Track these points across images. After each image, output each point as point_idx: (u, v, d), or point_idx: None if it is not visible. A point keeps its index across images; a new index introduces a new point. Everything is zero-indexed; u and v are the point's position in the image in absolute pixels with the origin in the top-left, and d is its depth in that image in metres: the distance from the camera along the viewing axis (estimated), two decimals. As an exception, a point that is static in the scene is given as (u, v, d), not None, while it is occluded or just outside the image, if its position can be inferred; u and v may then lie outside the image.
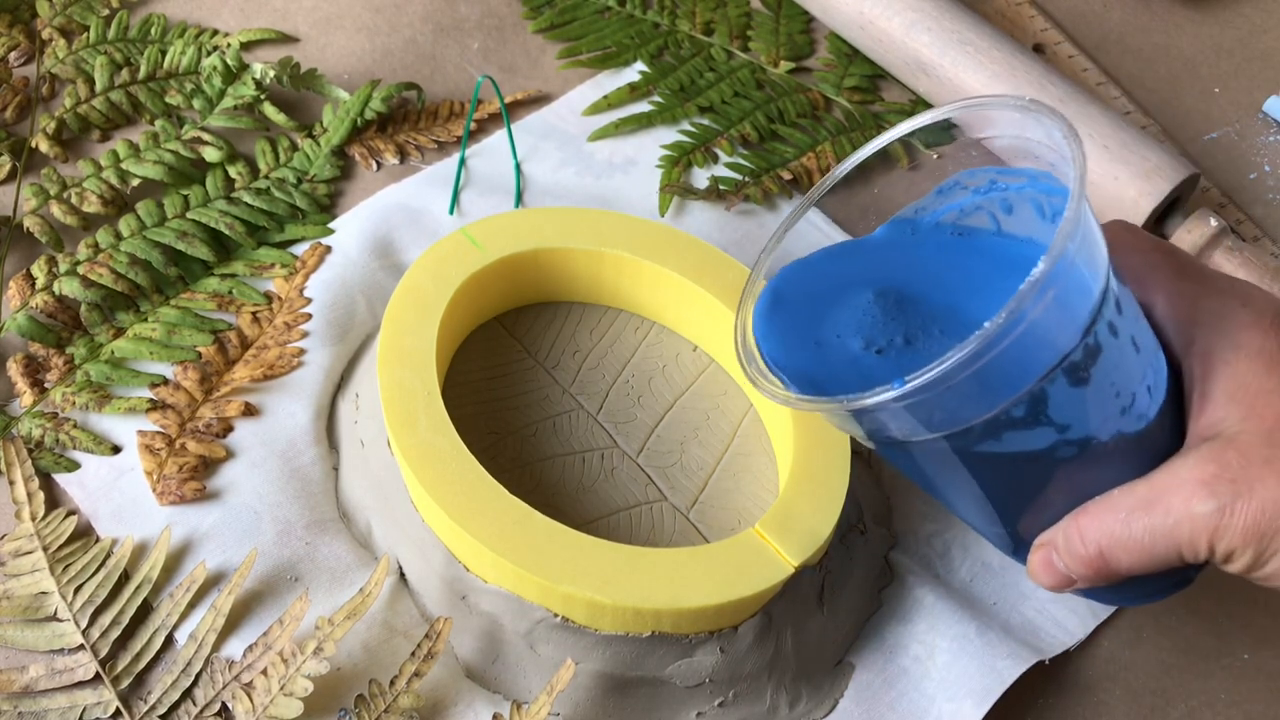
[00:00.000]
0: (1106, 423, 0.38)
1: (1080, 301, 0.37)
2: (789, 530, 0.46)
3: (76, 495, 0.50)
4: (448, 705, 0.46)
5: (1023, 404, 0.37)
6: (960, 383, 0.36)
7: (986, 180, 0.43)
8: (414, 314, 0.49)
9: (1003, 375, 0.36)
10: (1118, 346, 0.38)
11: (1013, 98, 0.40)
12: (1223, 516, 0.37)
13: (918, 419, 0.38)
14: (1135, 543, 0.38)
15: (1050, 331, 0.36)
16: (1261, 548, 0.37)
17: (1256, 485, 0.37)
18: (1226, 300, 0.40)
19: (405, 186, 0.60)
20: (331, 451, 0.52)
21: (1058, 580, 0.41)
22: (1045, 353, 0.37)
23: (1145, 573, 0.39)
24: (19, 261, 0.56)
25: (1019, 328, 0.35)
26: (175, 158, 0.59)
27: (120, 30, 0.64)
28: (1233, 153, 0.67)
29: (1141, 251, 0.42)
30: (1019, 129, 0.41)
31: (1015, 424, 0.38)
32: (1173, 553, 0.38)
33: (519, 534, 0.44)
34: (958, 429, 0.38)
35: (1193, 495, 0.37)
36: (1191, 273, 0.41)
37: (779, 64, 0.68)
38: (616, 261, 0.53)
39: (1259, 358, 0.39)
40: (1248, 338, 0.39)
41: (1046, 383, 0.37)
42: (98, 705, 0.44)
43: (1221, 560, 0.38)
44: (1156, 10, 0.73)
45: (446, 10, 0.68)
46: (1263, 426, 0.37)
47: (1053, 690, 0.50)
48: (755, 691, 0.47)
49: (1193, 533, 0.37)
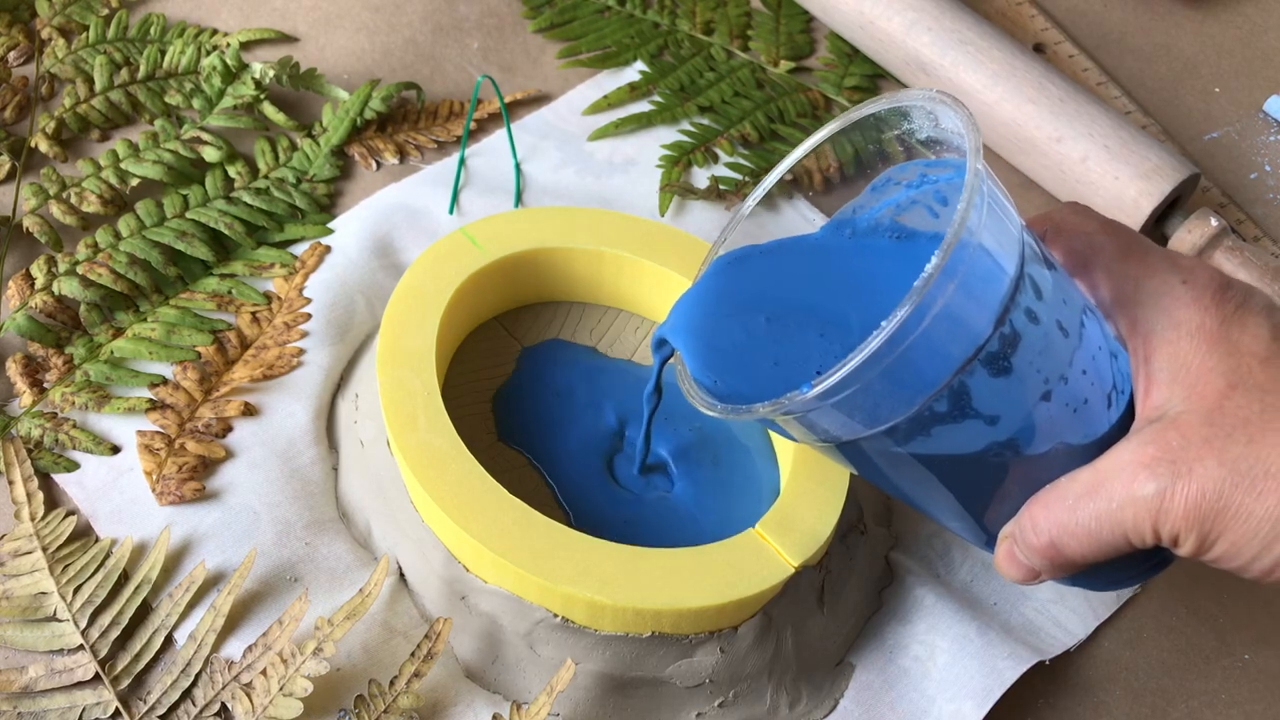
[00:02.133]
0: (1039, 410, 0.38)
1: (989, 290, 0.36)
2: (789, 530, 0.46)
3: (76, 495, 0.50)
4: (447, 705, 0.46)
5: (944, 398, 0.37)
6: (873, 382, 0.36)
7: (917, 174, 0.42)
8: (414, 314, 0.49)
9: (916, 371, 0.36)
10: (1040, 333, 0.37)
11: (922, 91, 0.40)
12: (1163, 499, 0.36)
13: (842, 420, 0.38)
14: (1083, 530, 0.38)
15: (959, 323, 0.36)
16: (1205, 530, 0.36)
17: (1196, 466, 0.36)
18: (1167, 278, 0.39)
19: (405, 186, 0.60)
20: (331, 451, 0.52)
21: (1022, 572, 0.40)
22: (958, 345, 0.36)
23: (1098, 560, 0.38)
24: (18, 261, 0.56)
25: (921, 323, 0.35)
26: (175, 157, 0.59)
27: (120, 30, 0.64)
28: (1233, 152, 0.67)
29: (1085, 234, 0.41)
30: (934, 121, 0.40)
31: (941, 419, 0.37)
32: (1119, 538, 0.37)
33: (519, 534, 0.44)
34: (882, 428, 0.37)
35: (1134, 478, 0.36)
36: (1135, 253, 0.40)
37: (779, 64, 0.68)
38: (616, 261, 0.53)
39: (1199, 335, 0.38)
40: (1186, 315, 0.38)
41: (965, 375, 0.36)
42: (97, 705, 0.44)
43: (1169, 543, 0.37)
44: (1156, 10, 0.73)
45: (446, 10, 0.68)
46: (1204, 405, 0.37)
47: (1053, 690, 0.50)
48: (755, 692, 0.47)
49: (1136, 517, 0.37)
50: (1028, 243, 0.38)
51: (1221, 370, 0.37)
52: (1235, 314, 0.38)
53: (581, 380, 0.52)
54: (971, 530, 0.42)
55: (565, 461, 0.49)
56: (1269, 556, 0.36)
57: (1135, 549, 0.38)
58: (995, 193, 0.37)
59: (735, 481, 0.50)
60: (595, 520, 0.48)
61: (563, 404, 0.51)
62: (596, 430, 0.50)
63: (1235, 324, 0.38)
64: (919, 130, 0.41)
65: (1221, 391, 0.37)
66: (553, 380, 0.52)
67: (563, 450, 0.50)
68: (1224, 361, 0.37)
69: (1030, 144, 0.62)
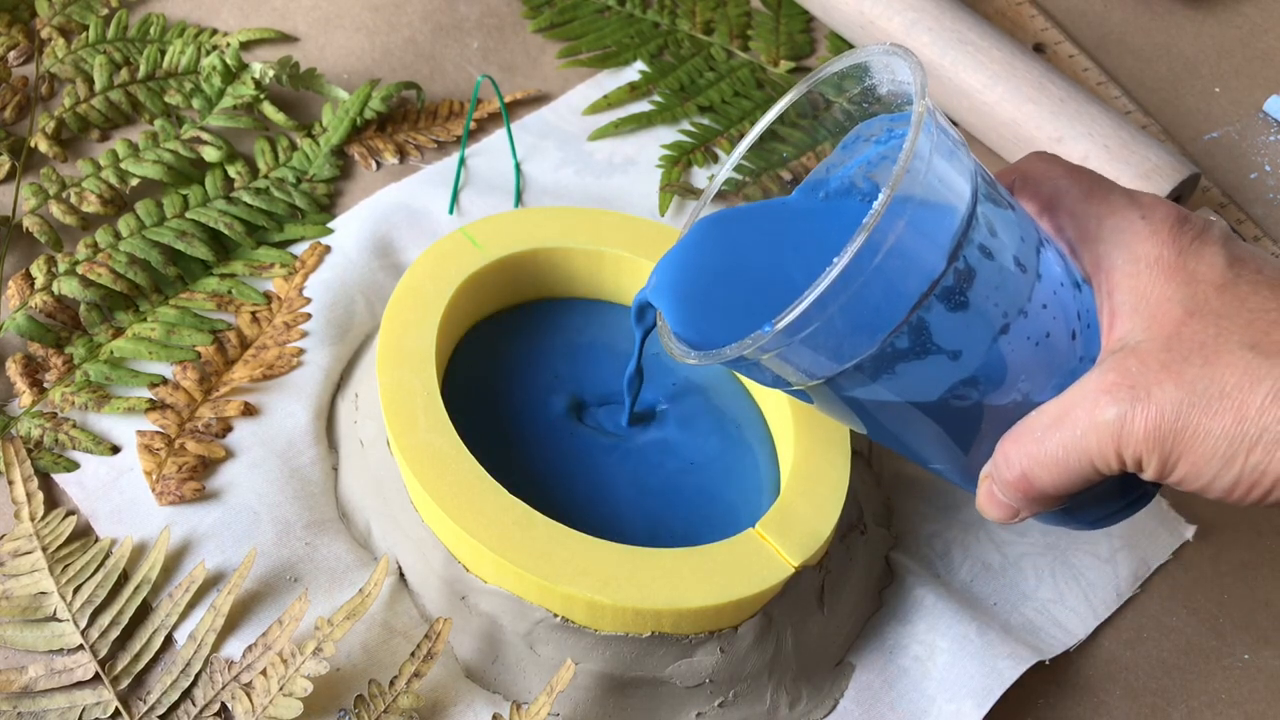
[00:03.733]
0: (1000, 344, 0.39)
1: (939, 228, 0.37)
2: (789, 530, 0.46)
3: (76, 495, 0.50)
4: (447, 705, 0.46)
5: (903, 334, 0.38)
6: (834, 318, 0.37)
7: (884, 129, 0.43)
8: (414, 314, 0.49)
9: (874, 307, 0.37)
10: (995, 268, 0.38)
11: (878, 46, 0.41)
12: (1124, 423, 0.37)
13: (808, 357, 0.38)
14: (1050, 459, 0.38)
15: (913, 258, 0.37)
16: (1166, 451, 0.37)
17: (1154, 389, 0.37)
18: (1127, 215, 0.40)
19: (405, 186, 0.60)
20: (331, 451, 0.52)
21: (1002, 511, 0.41)
22: (913, 280, 0.37)
23: (1070, 489, 0.39)
24: (18, 261, 0.56)
25: (874, 258, 0.36)
26: (174, 157, 0.59)
27: (119, 30, 0.64)
28: (1233, 152, 0.67)
29: (1051, 179, 0.42)
30: (891, 74, 0.41)
31: (904, 355, 0.38)
32: (1086, 465, 0.38)
33: (519, 534, 0.44)
34: (849, 364, 0.38)
35: (1096, 405, 0.37)
36: (1097, 194, 0.41)
37: (779, 64, 0.68)
38: (616, 261, 0.53)
39: (1157, 266, 0.39)
40: (1145, 249, 0.39)
41: (923, 311, 0.37)
42: (97, 705, 0.44)
43: (1134, 468, 0.38)
44: (1157, 10, 0.73)
45: (446, 10, 0.68)
46: (1162, 333, 0.38)
47: (1053, 690, 0.50)
48: (755, 692, 0.47)
49: (1099, 442, 0.37)
50: (981, 184, 0.39)
51: (1179, 299, 0.38)
52: (1192, 245, 0.39)
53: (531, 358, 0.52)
54: (958, 473, 0.43)
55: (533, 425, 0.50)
56: (1229, 474, 0.36)
57: (1103, 476, 0.39)
58: (945, 136, 0.38)
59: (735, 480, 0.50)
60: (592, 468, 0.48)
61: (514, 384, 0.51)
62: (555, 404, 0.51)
63: (1192, 254, 0.39)
64: (879, 85, 0.42)
65: (1179, 319, 0.38)
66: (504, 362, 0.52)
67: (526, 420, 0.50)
68: (1181, 290, 0.38)
69: (1030, 144, 0.62)
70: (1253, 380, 0.36)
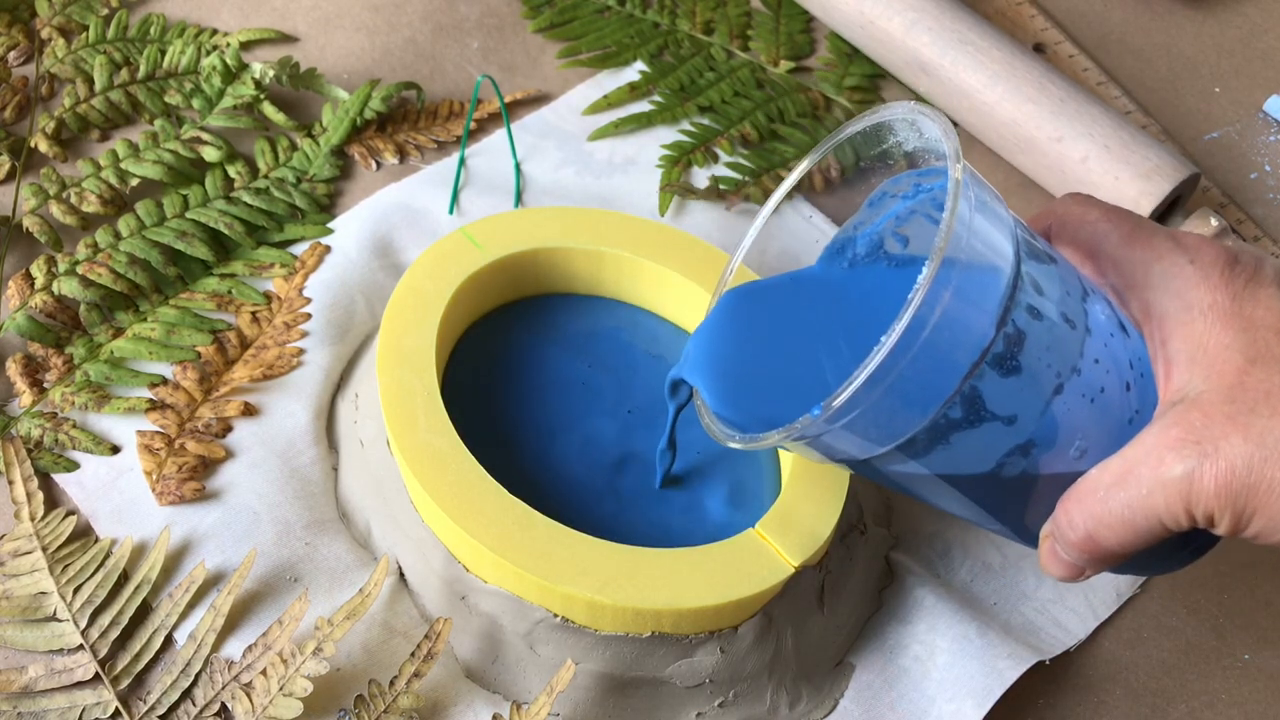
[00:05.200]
0: (1055, 404, 0.38)
1: (986, 293, 0.36)
2: (789, 530, 0.46)
3: (76, 495, 0.50)
4: (447, 706, 0.46)
5: (957, 405, 0.37)
6: (882, 398, 0.36)
7: (910, 185, 0.42)
8: (414, 314, 0.49)
9: (924, 381, 0.36)
10: (1045, 328, 0.37)
11: (901, 105, 0.40)
12: (1193, 481, 0.36)
13: (859, 439, 0.38)
14: (1116, 519, 0.37)
15: (961, 328, 0.36)
16: (1239, 507, 0.35)
17: (1222, 444, 0.35)
18: (1174, 260, 0.39)
19: (405, 186, 0.60)
20: (331, 451, 0.52)
21: (1065, 569, 0.40)
22: (963, 351, 0.36)
23: (1137, 548, 0.38)
24: (18, 261, 0.56)
25: (921, 333, 0.35)
26: (175, 157, 0.59)
27: (119, 30, 0.64)
28: (1233, 152, 0.67)
29: (1089, 224, 0.41)
30: (918, 132, 0.41)
31: (958, 425, 0.37)
32: (1154, 524, 0.37)
33: (519, 534, 0.44)
34: (900, 441, 0.37)
35: (1161, 462, 0.36)
36: (1140, 238, 0.40)
37: (779, 63, 0.68)
38: (616, 261, 0.53)
39: (1211, 314, 0.38)
40: (1197, 295, 0.38)
41: (974, 379, 0.36)
42: (97, 705, 0.44)
43: (1205, 524, 0.37)
44: (1157, 10, 0.73)
45: (446, 10, 0.68)
46: (1224, 383, 0.36)
47: (1053, 690, 0.50)
48: (755, 692, 0.47)
49: (1167, 501, 0.36)
50: (1022, 240, 0.38)
51: (1238, 346, 0.37)
52: (1246, 288, 0.38)
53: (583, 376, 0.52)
54: (1017, 533, 0.42)
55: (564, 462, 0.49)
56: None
57: (1171, 533, 0.37)
58: (983, 195, 0.37)
59: (735, 481, 0.50)
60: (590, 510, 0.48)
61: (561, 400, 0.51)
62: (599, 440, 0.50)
63: (1247, 299, 0.37)
64: (905, 142, 0.41)
65: (1240, 368, 0.36)
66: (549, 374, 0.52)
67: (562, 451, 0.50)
68: (1240, 337, 0.37)
69: (1030, 144, 0.62)
70: None
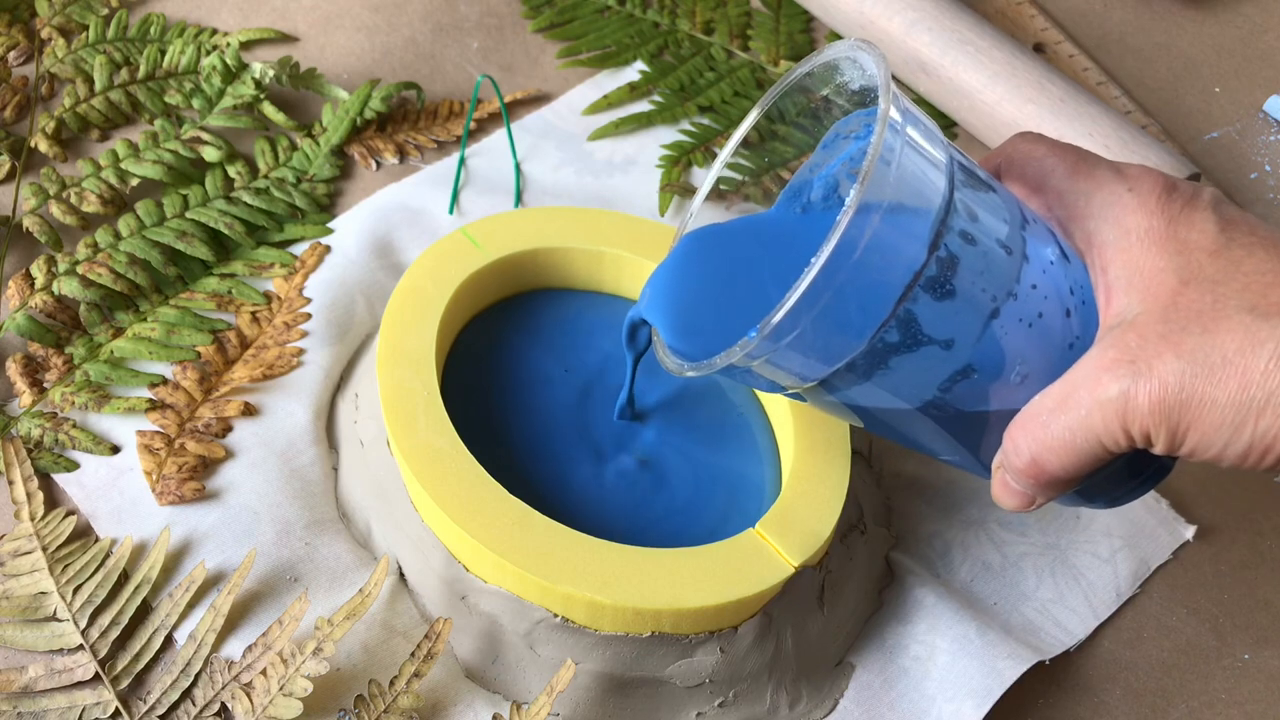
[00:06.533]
0: (992, 328, 0.39)
1: (917, 218, 0.37)
2: (789, 530, 0.46)
3: (76, 495, 0.50)
4: (447, 705, 0.46)
5: (892, 328, 0.38)
6: (819, 319, 0.37)
7: (861, 125, 0.43)
8: (414, 314, 0.49)
9: (859, 303, 0.37)
10: (979, 253, 0.38)
11: (844, 43, 0.41)
12: (1128, 399, 0.36)
13: (799, 360, 0.38)
14: (1059, 442, 0.38)
15: (892, 251, 0.37)
16: (1173, 424, 0.36)
17: (1155, 362, 0.36)
18: (1114, 188, 0.40)
19: (405, 186, 0.60)
20: (331, 451, 0.52)
21: (1017, 499, 0.41)
22: (895, 273, 0.37)
23: (1081, 471, 0.39)
24: (18, 261, 0.56)
25: (852, 254, 0.36)
26: (175, 157, 0.59)
27: (119, 29, 0.64)
28: (1233, 152, 0.67)
29: (1036, 159, 0.42)
30: (861, 70, 0.41)
31: (896, 349, 0.38)
32: (1095, 444, 0.38)
33: (519, 534, 0.44)
34: (841, 363, 0.38)
35: (1098, 383, 0.37)
36: (1083, 169, 0.41)
37: (779, 63, 0.68)
38: (616, 261, 0.53)
39: (1148, 238, 0.38)
40: (1135, 221, 0.39)
41: (909, 303, 0.37)
42: (97, 705, 0.44)
43: (1143, 443, 0.37)
44: (1157, 10, 0.73)
45: (446, 10, 0.68)
46: (1158, 304, 0.37)
47: (1053, 690, 0.50)
48: (755, 691, 0.47)
49: (1105, 420, 0.37)
50: (957, 168, 0.39)
51: (1173, 268, 0.37)
52: (1182, 212, 0.38)
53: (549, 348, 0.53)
54: (971, 464, 0.43)
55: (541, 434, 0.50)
56: (1239, 442, 0.36)
57: (1114, 455, 0.38)
58: (918, 122, 0.38)
59: (735, 481, 0.50)
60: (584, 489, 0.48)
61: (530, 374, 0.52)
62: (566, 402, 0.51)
63: (1182, 222, 0.38)
64: (851, 81, 0.42)
65: (1174, 289, 0.37)
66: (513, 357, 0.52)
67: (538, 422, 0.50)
68: (1174, 260, 0.38)
69: (1030, 144, 0.62)
70: (1254, 344, 0.35)
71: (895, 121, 0.37)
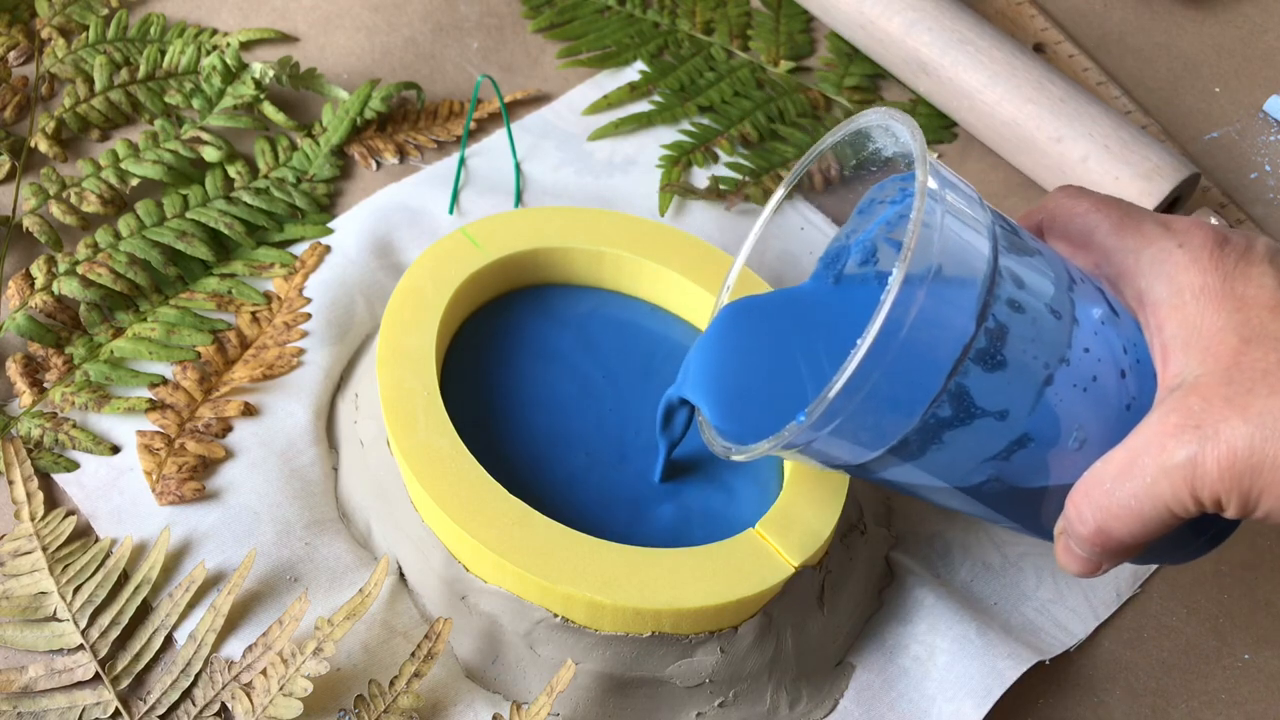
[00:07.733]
0: (1046, 396, 0.38)
1: (962, 291, 0.36)
2: (789, 530, 0.46)
3: (76, 495, 0.50)
4: (447, 705, 0.46)
5: (945, 403, 0.37)
6: (867, 401, 0.36)
7: (897, 190, 0.42)
8: (414, 314, 0.49)
9: (907, 382, 0.36)
10: (1028, 320, 0.37)
11: (875, 112, 0.40)
12: (1195, 466, 0.35)
13: (850, 443, 0.38)
14: (1125, 510, 0.37)
15: (939, 328, 0.36)
16: (1245, 488, 0.35)
17: (1222, 426, 0.35)
18: (1163, 245, 0.39)
19: (405, 186, 0.60)
20: (331, 451, 0.52)
21: (1081, 565, 0.39)
22: (944, 348, 0.36)
23: (1149, 538, 0.38)
24: (18, 261, 0.56)
25: (898, 334, 0.35)
26: (175, 157, 0.59)
27: (119, 30, 0.64)
28: (1233, 152, 0.67)
29: (1079, 215, 0.41)
30: (894, 137, 0.41)
31: (949, 424, 0.37)
32: (1163, 512, 0.36)
33: (519, 534, 0.44)
34: (892, 443, 0.37)
35: (1163, 449, 0.36)
36: (1129, 225, 0.40)
37: (779, 63, 0.68)
38: (616, 261, 0.53)
39: (1203, 296, 0.37)
40: (1188, 279, 0.37)
41: (960, 377, 0.36)
42: (97, 705, 0.44)
43: (1213, 509, 0.36)
44: (1157, 10, 0.73)
45: (446, 9, 0.68)
46: (1220, 365, 0.36)
47: (1053, 690, 0.50)
48: (755, 692, 0.47)
49: (1173, 488, 0.36)
50: (1000, 235, 0.38)
51: (1232, 327, 0.36)
52: (1237, 268, 0.37)
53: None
54: (1032, 529, 0.42)
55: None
56: None
57: (1182, 520, 0.37)
58: (956, 194, 0.37)
59: (735, 481, 0.50)
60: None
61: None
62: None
63: (1239, 278, 0.37)
64: (884, 149, 0.42)
65: (1236, 348, 0.36)
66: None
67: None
68: (1233, 318, 0.36)
69: (1030, 144, 0.62)
70: None
71: (936, 192, 0.36)
